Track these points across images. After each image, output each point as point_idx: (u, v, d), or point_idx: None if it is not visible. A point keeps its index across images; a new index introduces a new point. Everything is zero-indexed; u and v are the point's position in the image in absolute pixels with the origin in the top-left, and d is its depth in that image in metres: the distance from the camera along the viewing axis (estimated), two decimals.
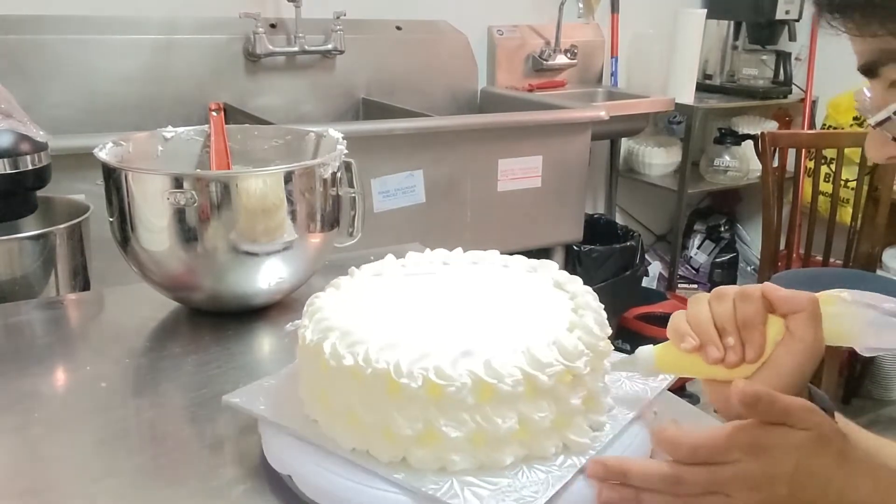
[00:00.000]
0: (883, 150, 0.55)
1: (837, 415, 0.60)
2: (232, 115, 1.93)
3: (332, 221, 0.91)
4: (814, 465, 0.50)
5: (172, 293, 0.91)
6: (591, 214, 2.64)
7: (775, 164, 2.25)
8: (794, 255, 2.45)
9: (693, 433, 0.52)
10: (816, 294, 0.57)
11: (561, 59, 2.64)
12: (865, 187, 2.25)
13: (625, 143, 2.95)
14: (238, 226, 0.82)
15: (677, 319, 0.60)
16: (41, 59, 1.86)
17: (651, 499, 0.52)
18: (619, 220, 2.96)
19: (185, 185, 0.80)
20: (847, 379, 2.45)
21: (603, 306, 0.63)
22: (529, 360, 0.53)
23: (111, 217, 0.88)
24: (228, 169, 0.97)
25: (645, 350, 0.61)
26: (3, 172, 1.01)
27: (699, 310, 0.59)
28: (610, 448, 0.56)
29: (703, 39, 2.76)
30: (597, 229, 2.58)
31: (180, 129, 1.00)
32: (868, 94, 0.54)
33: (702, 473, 0.51)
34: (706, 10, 2.74)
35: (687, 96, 2.71)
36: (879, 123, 0.53)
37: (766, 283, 0.59)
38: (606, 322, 0.61)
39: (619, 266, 2.42)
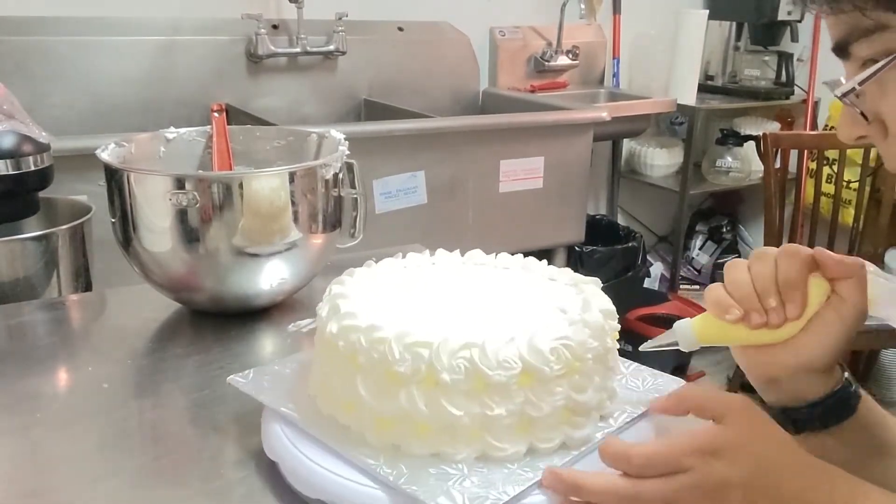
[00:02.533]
0: (852, 128, 0.54)
1: (865, 395, 0.61)
2: (234, 116, 1.94)
3: (333, 222, 0.91)
4: (770, 467, 0.50)
5: (174, 294, 0.91)
6: (592, 215, 2.64)
7: (777, 165, 2.25)
8: None
9: (642, 444, 0.51)
10: None
11: (563, 60, 2.63)
12: (868, 188, 2.24)
13: (626, 144, 2.95)
14: (240, 227, 0.82)
15: (716, 291, 0.59)
16: (44, 60, 1.87)
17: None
18: (621, 220, 2.96)
19: (188, 185, 0.80)
20: None
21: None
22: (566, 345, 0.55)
23: (113, 218, 0.88)
24: (230, 170, 0.97)
25: (683, 324, 0.61)
26: (5, 173, 1.01)
27: (738, 277, 0.58)
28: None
29: (705, 40, 2.76)
30: (598, 230, 2.58)
31: (182, 130, 1.00)
32: (844, 81, 0.53)
33: (658, 484, 0.50)
34: (708, 11, 2.74)
35: (689, 97, 2.70)
36: (844, 95, 0.52)
37: (817, 247, 0.59)
38: (615, 315, 0.62)
39: (620, 267, 2.42)
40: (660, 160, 2.89)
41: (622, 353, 0.64)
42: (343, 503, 0.53)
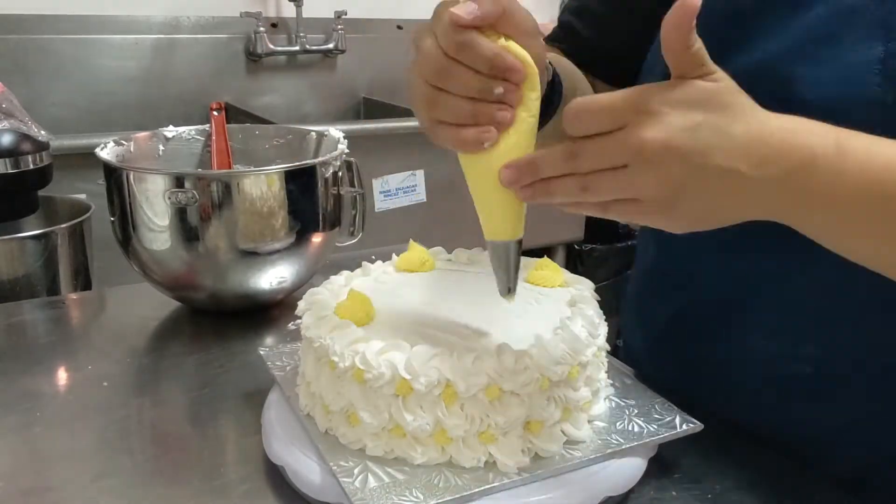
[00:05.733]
0: None
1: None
2: (233, 114, 1.93)
3: (333, 221, 0.91)
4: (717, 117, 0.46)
5: (174, 293, 0.91)
6: None
7: None
8: None
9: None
10: None
11: None
12: None
13: None
14: (239, 225, 0.82)
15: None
16: (43, 58, 1.87)
17: (558, 185, 0.49)
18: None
19: (187, 184, 0.81)
20: None
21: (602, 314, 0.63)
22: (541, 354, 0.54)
23: (112, 216, 0.88)
24: (230, 168, 0.97)
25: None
26: (4, 172, 1.01)
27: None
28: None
29: None
30: (597, 228, 2.58)
31: (181, 129, 1.00)
32: None
33: (597, 143, 0.46)
34: None
35: None
36: None
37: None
38: (598, 328, 0.61)
39: (620, 265, 2.42)
40: None
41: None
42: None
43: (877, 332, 0.60)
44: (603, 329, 0.61)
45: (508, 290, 0.56)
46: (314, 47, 2.15)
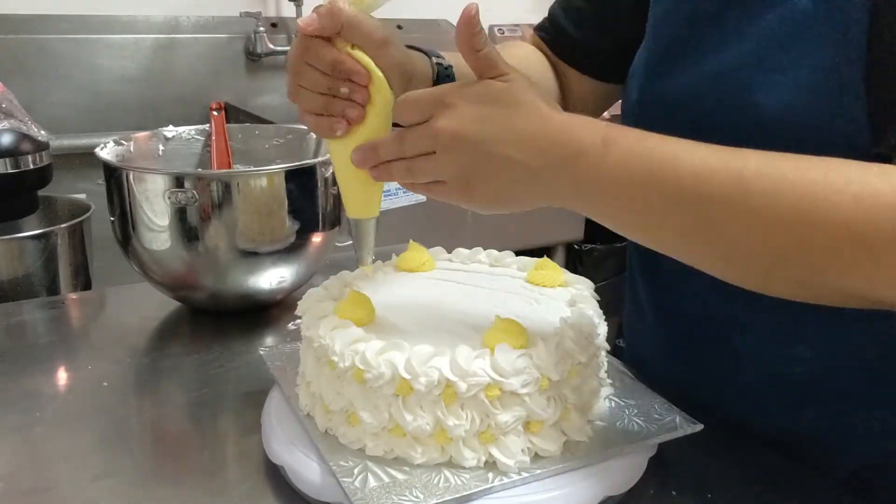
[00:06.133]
0: None
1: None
2: (233, 114, 1.93)
3: (333, 220, 0.91)
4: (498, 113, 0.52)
5: (174, 292, 0.91)
6: None
7: None
8: None
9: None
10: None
11: None
12: None
13: None
14: (239, 225, 0.82)
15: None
16: (42, 58, 1.87)
17: (395, 167, 0.56)
18: None
19: (187, 184, 0.81)
20: None
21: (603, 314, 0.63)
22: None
23: (112, 216, 0.88)
24: (229, 168, 0.97)
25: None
26: (4, 172, 1.01)
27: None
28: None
29: None
30: (597, 228, 2.57)
31: (181, 129, 1.00)
32: None
33: (411, 131, 0.54)
34: None
35: None
36: None
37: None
38: (598, 328, 0.61)
39: (620, 265, 2.42)
40: None
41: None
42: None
43: (870, 331, 0.60)
44: (603, 329, 0.61)
45: (365, 261, 0.65)
46: None
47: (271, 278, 0.87)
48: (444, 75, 0.66)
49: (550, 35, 0.82)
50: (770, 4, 0.57)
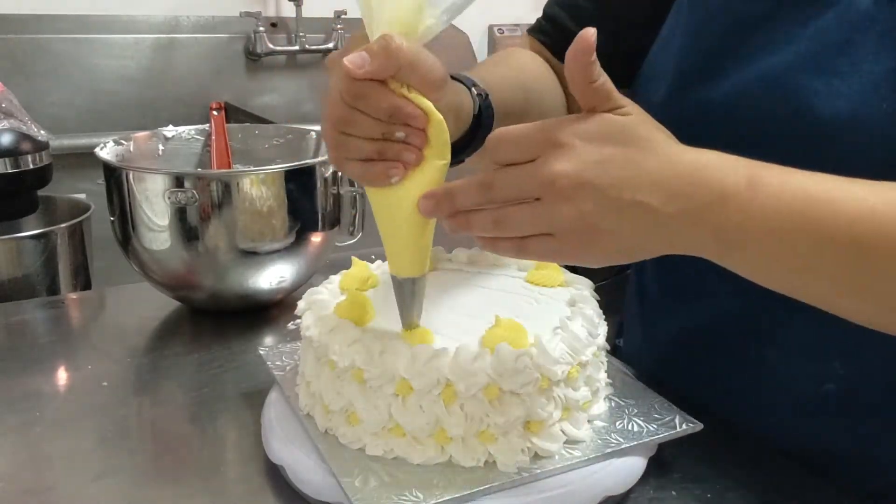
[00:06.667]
0: None
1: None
2: (233, 114, 1.93)
3: (332, 220, 0.91)
4: (622, 152, 0.46)
5: (173, 292, 0.91)
6: None
7: None
8: None
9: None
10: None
11: None
12: None
13: None
14: (239, 225, 0.82)
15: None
16: (42, 58, 1.86)
17: (477, 218, 0.48)
18: None
19: (186, 184, 0.81)
20: None
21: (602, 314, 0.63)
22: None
23: (112, 216, 0.88)
24: (229, 168, 0.97)
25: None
26: (4, 172, 1.01)
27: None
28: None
29: None
30: None
31: (181, 129, 1.00)
32: None
33: (509, 173, 0.47)
34: None
35: None
36: None
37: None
38: (598, 328, 0.61)
39: (619, 264, 2.42)
40: None
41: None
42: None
43: None
44: (603, 329, 0.61)
45: (409, 324, 0.57)
46: (314, 47, 2.15)
47: (271, 278, 0.87)
48: (485, 106, 0.61)
49: (552, 37, 0.80)
50: (826, 5, 0.54)
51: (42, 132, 1.06)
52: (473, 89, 0.60)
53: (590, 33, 0.44)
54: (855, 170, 0.47)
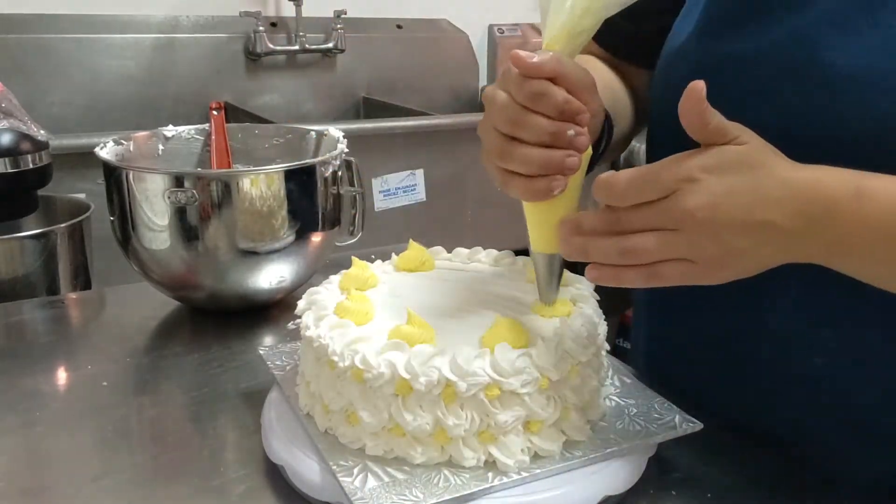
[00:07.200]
0: None
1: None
2: (233, 113, 1.93)
3: (332, 220, 0.91)
4: (750, 180, 0.49)
5: (173, 292, 0.91)
6: None
7: None
8: None
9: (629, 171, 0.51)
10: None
11: None
12: None
13: None
14: (239, 225, 0.82)
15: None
16: (42, 58, 1.86)
17: (600, 246, 0.52)
18: None
19: (186, 183, 0.80)
20: None
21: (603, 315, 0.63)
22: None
23: (112, 216, 0.88)
24: (229, 168, 0.97)
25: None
26: (3, 172, 1.01)
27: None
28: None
29: None
30: None
31: (181, 128, 1.00)
32: None
33: (642, 212, 0.50)
34: None
35: None
36: None
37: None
38: (598, 328, 0.61)
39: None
40: None
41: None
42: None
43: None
44: (603, 329, 0.61)
45: (550, 299, 0.61)
46: (314, 46, 2.15)
47: (271, 278, 0.87)
48: (609, 121, 0.65)
49: (607, 38, 0.78)
50: None
51: (42, 132, 1.06)
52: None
53: (700, 86, 0.48)
54: (874, 123, 0.51)
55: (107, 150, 0.89)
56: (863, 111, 0.53)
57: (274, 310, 0.92)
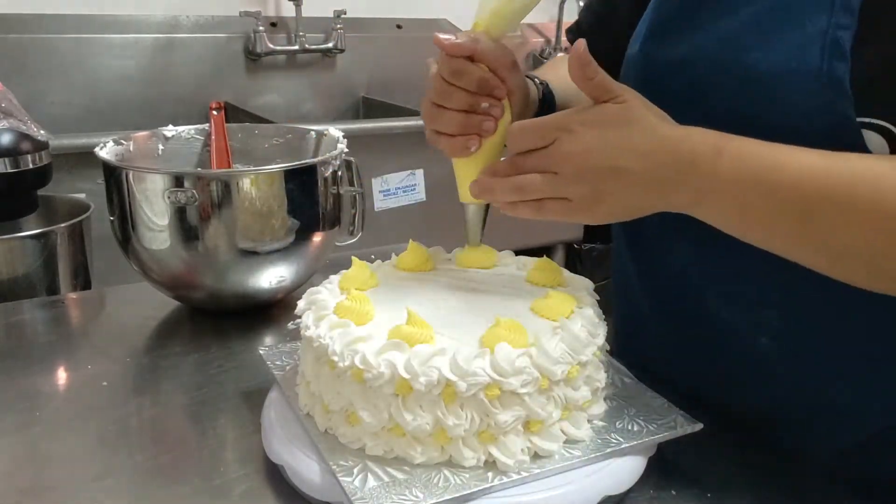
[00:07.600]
0: None
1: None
2: (232, 113, 1.93)
3: (332, 220, 0.91)
4: (625, 135, 0.56)
5: (173, 292, 0.91)
6: None
7: None
8: None
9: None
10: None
11: None
12: None
13: None
14: (239, 225, 0.82)
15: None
16: (42, 57, 1.86)
17: (502, 185, 0.60)
18: None
19: (186, 183, 0.80)
20: None
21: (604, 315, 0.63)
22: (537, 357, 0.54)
23: (112, 216, 0.88)
24: (229, 168, 0.97)
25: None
26: (3, 171, 1.01)
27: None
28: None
29: None
30: (597, 227, 2.57)
31: (181, 128, 1.00)
32: None
33: (533, 157, 0.58)
34: None
35: None
36: None
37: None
38: (598, 328, 0.61)
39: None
40: None
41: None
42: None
43: (840, 299, 0.60)
44: (603, 329, 0.61)
45: (475, 242, 0.72)
46: (313, 46, 2.15)
47: (271, 278, 0.87)
48: (547, 93, 0.75)
49: (598, 35, 0.82)
50: None
51: (42, 132, 1.06)
52: (536, 79, 0.75)
53: (581, 44, 0.56)
54: (789, 117, 0.56)
55: (107, 150, 0.89)
56: (779, 107, 0.57)
57: (274, 310, 0.92)
